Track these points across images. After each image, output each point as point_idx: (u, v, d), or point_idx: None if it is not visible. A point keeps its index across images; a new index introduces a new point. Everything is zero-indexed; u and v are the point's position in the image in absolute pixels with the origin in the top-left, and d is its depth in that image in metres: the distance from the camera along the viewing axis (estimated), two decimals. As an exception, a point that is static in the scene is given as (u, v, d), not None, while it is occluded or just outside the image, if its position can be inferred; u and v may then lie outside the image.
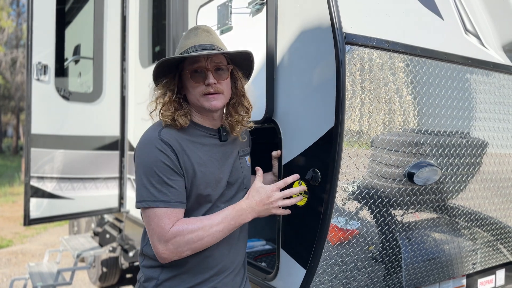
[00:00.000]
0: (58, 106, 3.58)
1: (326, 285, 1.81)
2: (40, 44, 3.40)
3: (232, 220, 1.47)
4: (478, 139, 2.17)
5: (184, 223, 1.42)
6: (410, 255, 2.10)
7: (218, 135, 1.61)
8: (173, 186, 1.43)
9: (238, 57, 1.59)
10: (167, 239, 1.40)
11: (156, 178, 1.43)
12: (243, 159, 1.69)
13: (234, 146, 1.66)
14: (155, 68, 1.50)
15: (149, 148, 1.46)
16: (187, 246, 1.41)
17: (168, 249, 1.41)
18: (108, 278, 5.03)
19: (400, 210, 1.94)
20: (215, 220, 1.45)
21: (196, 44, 1.51)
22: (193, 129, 1.56)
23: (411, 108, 1.87)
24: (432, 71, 1.91)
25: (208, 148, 1.56)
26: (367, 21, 1.74)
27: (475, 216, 2.30)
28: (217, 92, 1.51)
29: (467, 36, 2.10)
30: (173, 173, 1.44)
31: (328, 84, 1.66)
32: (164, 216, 1.42)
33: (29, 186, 3.42)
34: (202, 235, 1.42)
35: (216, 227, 1.44)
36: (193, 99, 1.54)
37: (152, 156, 1.44)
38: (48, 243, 7.52)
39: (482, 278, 2.71)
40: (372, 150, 1.74)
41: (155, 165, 1.43)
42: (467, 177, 2.17)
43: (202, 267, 1.54)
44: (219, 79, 1.52)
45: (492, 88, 2.20)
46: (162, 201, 1.42)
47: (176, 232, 1.40)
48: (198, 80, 1.51)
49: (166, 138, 1.47)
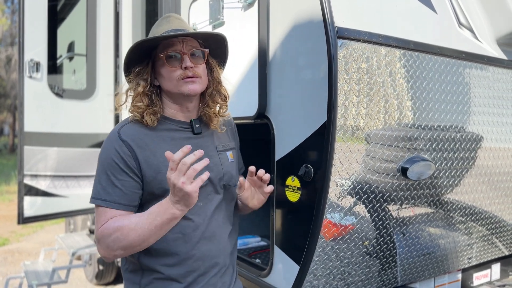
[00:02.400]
0: (51, 103, 3.55)
1: (320, 281, 1.81)
2: (32, 41, 3.37)
3: (158, 216, 1.33)
4: (473, 133, 2.16)
5: (111, 221, 1.38)
6: (404, 250, 2.09)
7: (190, 128, 1.53)
8: (118, 186, 1.40)
9: (212, 43, 1.54)
10: (98, 238, 1.38)
11: (104, 176, 1.41)
12: (223, 154, 1.59)
13: (211, 140, 1.58)
14: (126, 55, 1.45)
15: (106, 145, 1.45)
16: (116, 245, 1.36)
17: (101, 247, 1.39)
18: (104, 275, 5.03)
19: (394, 205, 1.93)
20: (141, 218, 1.35)
21: (169, 29, 1.47)
22: (163, 123, 1.50)
23: (404, 103, 1.86)
24: (426, 65, 1.90)
25: (178, 142, 1.49)
26: (359, 15, 1.72)
27: (470, 210, 2.29)
28: (195, 76, 1.46)
29: (461, 29, 2.09)
30: (122, 173, 1.40)
31: (320, 79, 1.65)
32: (102, 214, 1.40)
33: (23, 185, 3.40)
34: (127, 233, 1.34)
35: (141, 224, 1.34)
36: (169, 86, 1.47)
37: (106, 153, 1.43)
38: (44, 241, 7.50)
39: (478, 272, 2.72)
40: (366, 145, 1.73)
41: (106, 162, 1.41)
42: (462, 171, 2.16)
43: (184, 270, 1.49)
44: (196, 63, 1.46)
45: (486, 82, 2.20)
46: (103, 200, 1.40)
47: (103, 230, 1.37)
48: (174, 64, 1.45)
49: (126, 135, 1.43)
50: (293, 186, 1.80)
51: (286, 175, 1.84)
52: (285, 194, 1.84)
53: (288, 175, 1.82)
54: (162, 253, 1.47)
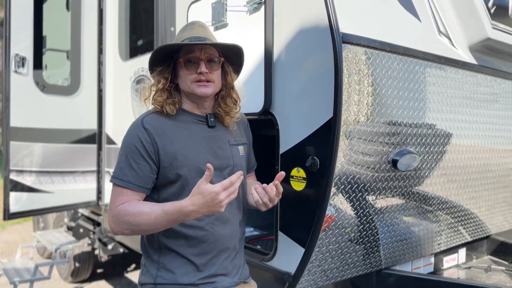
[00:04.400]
0: (36, 99, 3.53)
1: (321, 262, 1.99)
2: (18, 36, 3.34)
3: (172, 216, 1.46)
4: (445, 130, 2.40)
5: (127, 204, 1.53)
6: (386, 235, 2.31)
7: (206, 121, 1.70)
8: (135, 168, 1.56)
9: (230, 52, 1.70)
10: (113, 214, 1.56)
11: (124, 158, 1.58)
12: (234, 148, 1.75)
13: (224, 134, 1.74)
14: (151, 55, 1.61)
15: (130, 131, 1.62)
16: (126, 225, 1.53)
17: (113, 221, 1.56)
18: (80, 273, 4.97)
19: (382, 195, 2.13)
20: (155, 211, 1.48)
21: (191, 36, 1.63)
22: (181, 115, 1.66)
23: (393, 101, 2.07)
24: (412, 68, 2.12)
25: (194, 133, 1.66)
26: (359, 22, 1.92)
27: (438, 200, 2.52)
28: (208, 81, 1.62)
29: (440, 37, 2.34)
30: (140, 158, 1.56)
31: (325, 79, 1.83)
32: (118, 193, 1.57)
33: (9, 180, 3.37)
34: (139, 221, 1.49)
35: (154, 218, 1.48)
36: (184, 86, 1.64)
37: (129, 139, 1.60)
38: (9, 241, 7.27)
39: (447, 256, 3.00)
40: (357, 140, 1.93)
41: (128, 147, 1.59)
42: (435, 164, 2.39)
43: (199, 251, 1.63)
44: (211, 70, 1.62)
45: (459, 84, 2.45)
46: (121, 180, 1.57)
47: (119, 211, 1.54)
48: (191, 68, 1.61)
49: (148, 124, 1.59)
50: (298, 177, 1.97)
51: (291, 167, 2.01)
52: (290, 184, 2.01)
53: (293, 167, 1.99)
54: (180, 235, 1.62)
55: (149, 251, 1.68)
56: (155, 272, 1.63)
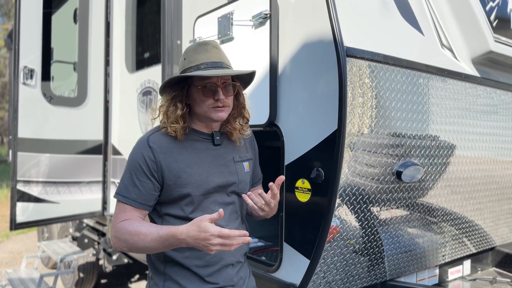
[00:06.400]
0: (44, 110, 3.58)
1: (326, 273, 2.00)
2: (26, 48, 3.40)
3: (166, 242, 1.50)
4: (449, 142, 2.42)
5: (127, 223, 1.56)
6: (390, 247, 2.31)
7: (211, 139, 1.71)
8: (138, 186, 1.59)
9: (243, 75, 1.71)
10: (114, 230, 1.59)
11: (128, 175, 1.61)
12: (239, 164, 1.76)
13: (229, 151, 1.75)
14: (166, 81, 1.61)
15: (135, 148, 1.64)
16: (125, 243, 1.56)
17: (114, 237, 1.59)
18: (84, 283, 4.99)
19: (387, 207, 2.15)
20: (151, 234, 1.51)
21: (207, 61, 1.61)
22: (188, 133, 1.67)
23: (397, 113, 2.09)
24: (415, 81, 2.15)
25: (199, 151, 1.67)
26: (362, 36, 1.95)
27: (442, 212, 2.53)
28: (225, 106, 1.63)
29: (443, 50, 2.37)
30: (143, 176, 1.59)
31: (330, 92, 1.86)
32: (121, 209, 1.60)
33: (16, 190, 3.40)
34: (136, 241, 1.53)
35: (150, 240, 1.51)
36: (200, 110, 1.64)
37: (133, 156, 1.63)
38: (14, 251, 7.30)
39: (452, 268, 2.99)
40: (361, 152, 1.95)
41: (132, 164, 1.61)
42: (439, 176, 2.41)
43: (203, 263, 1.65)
44: (227, 95, 1.63)
45: (462, 96, 2.48)
46: (124, 196, 1.60)
47: (119, 228, 1.57)
48: (208, 95, 1.61)
49: (153, 142, 1.61)
50: (303, 188, 1.99)
51: (296, 178, 2.03)
52: (294, 195, 2.03)
53: (298, 178, 2.01)
54: (184, 248, 1.62)
55: (155, 262, 1.70)
56: (161, 284, 1.66)
